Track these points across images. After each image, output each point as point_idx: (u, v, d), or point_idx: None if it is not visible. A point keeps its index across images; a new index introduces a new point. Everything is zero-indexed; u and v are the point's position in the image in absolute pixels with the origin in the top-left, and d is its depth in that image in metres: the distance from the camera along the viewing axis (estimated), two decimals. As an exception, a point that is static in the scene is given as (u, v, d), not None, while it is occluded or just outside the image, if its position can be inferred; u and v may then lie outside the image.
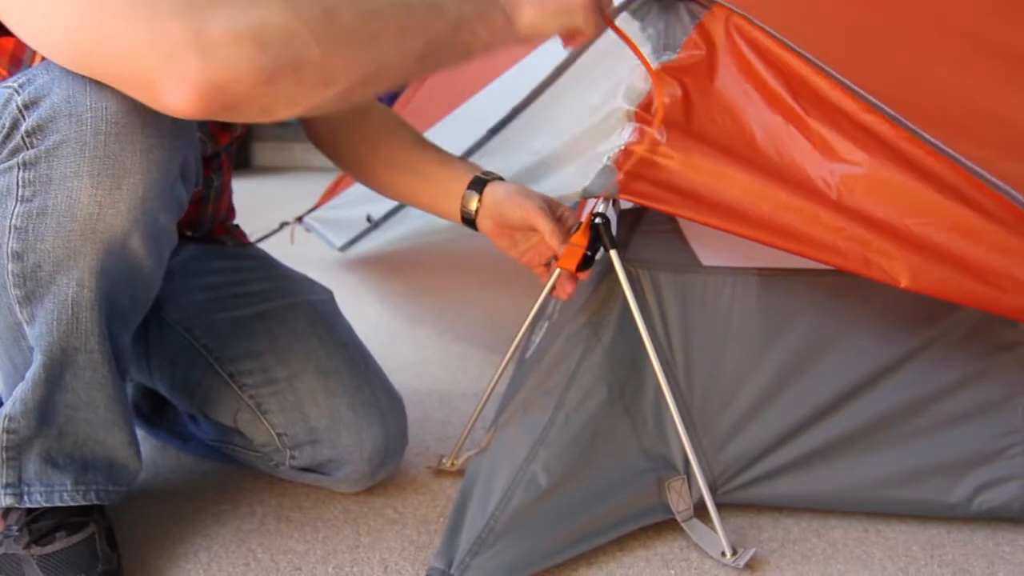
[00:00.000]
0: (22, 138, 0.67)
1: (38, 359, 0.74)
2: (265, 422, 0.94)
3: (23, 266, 0.70)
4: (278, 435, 0.94)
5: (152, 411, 1.15)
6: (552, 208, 0.91)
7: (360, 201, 1.83)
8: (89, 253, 0.70)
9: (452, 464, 1.04)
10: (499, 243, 0.94)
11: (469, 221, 0.94)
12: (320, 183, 2.24)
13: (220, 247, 1.08)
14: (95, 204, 0.68)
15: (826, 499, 0.95)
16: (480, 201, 0.92)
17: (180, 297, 0.99)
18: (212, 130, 0.99)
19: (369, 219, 1.79)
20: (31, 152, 0.67)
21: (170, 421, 1.13)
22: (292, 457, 0.95)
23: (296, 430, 0.93)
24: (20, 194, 0.68)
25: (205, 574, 0.85)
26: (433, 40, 0.69)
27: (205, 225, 1.06)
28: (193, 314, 0.98)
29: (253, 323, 0.97)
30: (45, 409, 0.75)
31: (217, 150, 1.02)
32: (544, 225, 0.87)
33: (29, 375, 0.74)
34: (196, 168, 0.78)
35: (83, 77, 0.66)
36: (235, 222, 1.16)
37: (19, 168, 0.68)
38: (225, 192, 1.08)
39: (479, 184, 0.93)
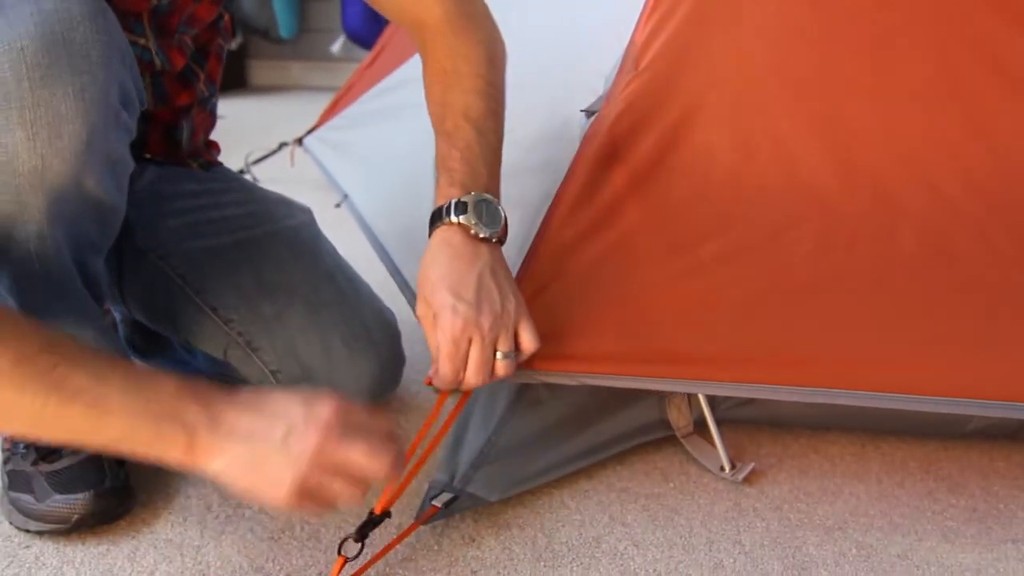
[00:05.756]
0: None
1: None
2: (257, 359, 0.91)
3: None
4: (272, 372, 0.91)
5: (146, 343, 1.12)
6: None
7: (359, 123, 1.79)
8: (42, 205, 0.67)
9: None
10: None
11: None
12: (318, 103, 2.19)
13: (187, 169, 1.00)
14: (37, 156, 0.64)
15: (825, 416, 0.96)
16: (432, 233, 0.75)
17: (151, 223, 0.93)
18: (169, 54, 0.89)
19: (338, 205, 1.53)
20: None
21: (165, 352, 1.11)
22: None
23: (289, 367, 0.91)
24: None
25: (213, 487, 0.86)
26: (77, 438, 0.59)
27: (175, 153, 0.99)
28: (167, 241, 0.92)
29: (232, 253, 0.92)
30: None
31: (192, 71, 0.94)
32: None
33: None
34: (137, 88, 0.73)
35: None
36: (210, 138, 1.07)
37: None
38: (201, 125, 1.00)
39: (435, 216, 0.75)
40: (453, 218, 0.72)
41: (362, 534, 0.70)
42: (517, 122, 1.01)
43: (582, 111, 0.85)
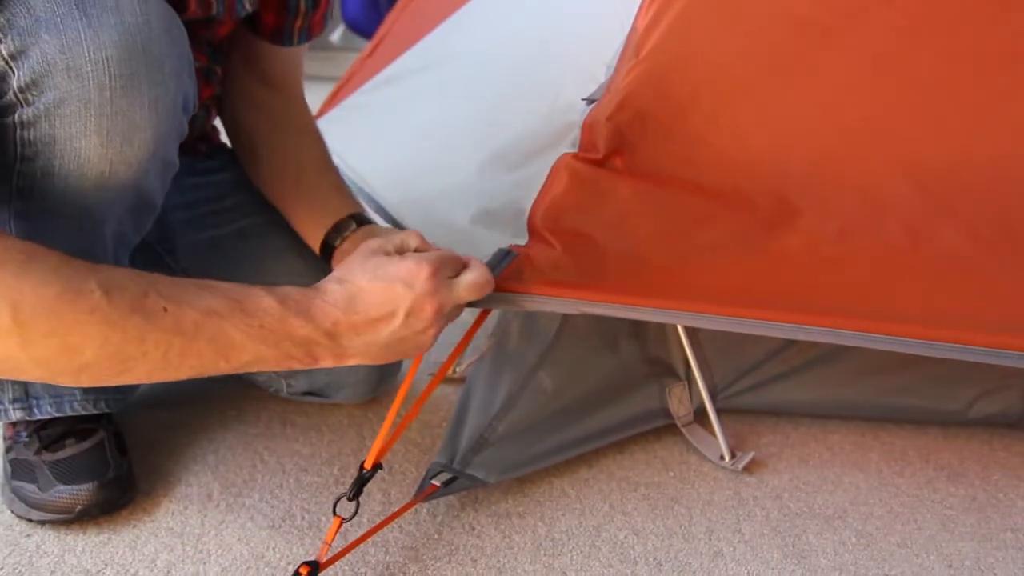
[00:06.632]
0: (15, 94, 0.62)
1: None
2: None
3: (27, 219, 0.67)
4: None
5: None
6: None
7: (359, 113, 1.78)
8: (101, 208, 0.68)
9: (454, 371, 1.05)
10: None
11: (326, 252, 0.88)
12: (317, 91, 2.18)
13: (192, 160, 1.00)
14: (106, 162, 0.65)
15: (825, 405, 0.96)
16: (353, 232, 0.86)
17: (159, 216, 0.91)
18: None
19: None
20: (28, 110, 0.63)
21: None
22: (288, 385, 0.94)
23: None
24: (20, 153, 0.65)
25: (214, 476, 0.86)
26: (207, 371, 0.60)
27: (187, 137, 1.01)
28: (171, 234, 0.94)
29: (234, 243, 0.93)
30: None
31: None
32: (420, 243, 0.74)
33: None
34: (194, 97, 0.75)
35: (70, 12, 0.61)
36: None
37: (16, 127, 0.64)
38: (213, 110, 1.00)
39: (360, 219, 0.87)
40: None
41: (355, 492, 0.70)
42: (519, 110, 1.01)
43: (583, 100, 0.84)
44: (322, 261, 0.93)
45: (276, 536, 0.78)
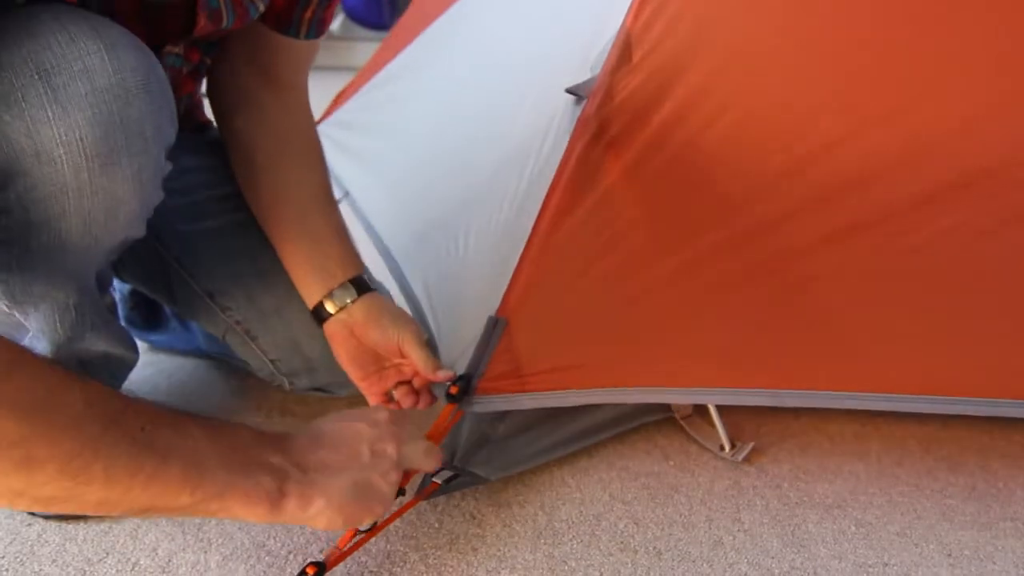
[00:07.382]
0: None
1: (43, 345, 0.70)
2: (256, 347, 0.89)
3: (9, 288, 0.64)
4: (271, 361, 0.90)
5: (145, 321, 1.10)
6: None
7: (359, 117, 1.73)
8: (87, 271, 0.66)
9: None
10: (340, 353, 0.81)
11: (320, 313, 0.81)
12: (316, 81, 2.17)
13: (182, 137, 0.93)
14: (90, 238, 0.62)
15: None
16: (353, 303, 0.80)
17: None
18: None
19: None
20: None
21: (165, 328, 1.09)
22: (291, 383, 0.92)
23: (290, 359, 0.89)
24: None
25: (214, 466, 0.86)
26: (161, 504, 0.53)
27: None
28: (163, 222, 0.87)
29: (228, 238, 0.89)
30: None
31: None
32: (418, 353, 0.76)
33: (33, 344, 0.70)
34: (175, 132, 0.70)
35: (32, 84, 0.55)
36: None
37: None
38: (196, 92, 0.97)
39: (361, 285, 0.81)
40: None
41: None
42: (509, 105, 1.00)
43: (567, 91, 0.83)
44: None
45: (277, 525, 0.78)
